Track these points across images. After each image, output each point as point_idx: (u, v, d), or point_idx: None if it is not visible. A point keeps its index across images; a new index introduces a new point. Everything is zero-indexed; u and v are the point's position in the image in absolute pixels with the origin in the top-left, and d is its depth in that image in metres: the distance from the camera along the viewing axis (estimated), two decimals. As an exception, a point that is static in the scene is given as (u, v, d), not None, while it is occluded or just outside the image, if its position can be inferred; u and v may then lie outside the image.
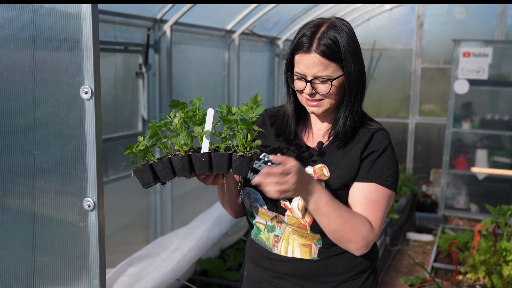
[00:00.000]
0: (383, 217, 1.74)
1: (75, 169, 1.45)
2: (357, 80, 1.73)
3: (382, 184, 1.74)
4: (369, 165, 1.75)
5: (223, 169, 1.57)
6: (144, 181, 1.60)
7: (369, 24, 7.69)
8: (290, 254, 1.80)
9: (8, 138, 1.52)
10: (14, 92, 1.49)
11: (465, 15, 7.28)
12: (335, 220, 1.64)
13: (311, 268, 1.79)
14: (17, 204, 1.55)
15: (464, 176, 6.93)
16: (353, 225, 1.66)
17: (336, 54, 1.68)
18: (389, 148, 1.78)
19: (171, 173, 1.59)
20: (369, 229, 1.69)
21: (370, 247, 1.73)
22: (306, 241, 1.78)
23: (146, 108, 4.12)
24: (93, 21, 1.38)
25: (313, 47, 1.68)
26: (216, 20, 5.07)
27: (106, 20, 3.65)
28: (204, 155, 1.57)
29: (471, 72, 6.39)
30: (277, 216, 1.79)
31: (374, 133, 1.78)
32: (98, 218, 1.46)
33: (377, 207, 1.73)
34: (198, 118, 1.65)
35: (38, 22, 1.43)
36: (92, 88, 1.40)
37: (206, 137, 1.60)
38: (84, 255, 1.49)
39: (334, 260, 1.80)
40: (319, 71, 1.68)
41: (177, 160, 1.57)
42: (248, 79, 5.97)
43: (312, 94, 1.73)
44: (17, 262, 1.57)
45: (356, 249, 1.70)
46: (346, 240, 1.68)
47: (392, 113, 7.84)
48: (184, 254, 3.83)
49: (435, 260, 5.24)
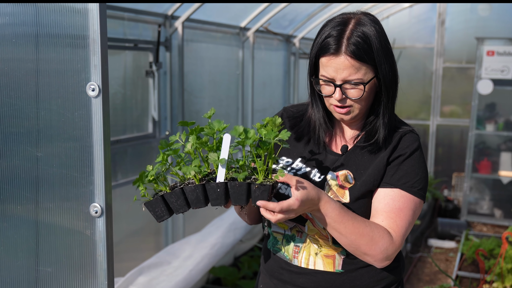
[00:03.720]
0: (407, 227, 1.65)
1: (82, 173, 1.41)
2: (392, 81, 1.65)
3: (407, 191, 1.65)
4: (394, 169, 1.67)
5: (241, 200, 1.48)
6: (157, 214, 1.54)
7: (388, 22, 7.69)
8: (312, 266, 1.72)
9: (10, 139, 1.48)
10: (16, 89, 1.45)
11: (488, 12, 7.27)
12: (347, 235, 1.57)
13: (335, 281, 1.71)
14: (20, 210, 1.52)
15: (488, 180, 6.89)
16: (369, 239, 1.58)
17: (369, 54, 1.58)
18: (418, 152, 1.69)
19: (184, 204, 1.51)
20: (388, 241, 1.60)
21: (392, 259, 1.65)
22: (329, 251, 1.71)
23: (157, 108, 4.09)
24: (100, 14, 1.34)
25: (342, 48, 1.57)
26: (230, 17, 5.07)
27: (114, 16, 3.62)
28: (220, 186, 1.47)
29: (495, 71, 6.33)
30: (296, 225, 1.72)
31: (403, 135, 1.71)
32: (106, 225, 1.42)
33: (400, 216, 1.63)
34: (214, 143, 1.54)
35: (42, 16, 1.40)
36: (100, 85, 1.36)
37: (221, 166, 1.49)
38: (90, 265, 1.45)
39: (360, 273, 1.72)
40: (349, 74, 1.58)
41: (190, 190, 1.49)
42: (263, 79, 5.97)
43: (342, 99, 1.63)
44: (19, 271, 1.54)
45: (375, 262, 1.63)
46: (362, 254, 1.62)
47: (412, 114, 7.84)
48: (197, 263, 3.79)
49: (459, 268, 5.20)
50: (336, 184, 1.67)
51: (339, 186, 1.67)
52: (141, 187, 1.54)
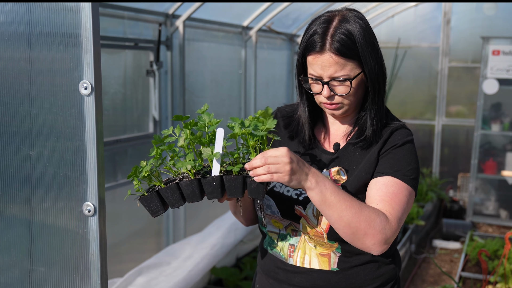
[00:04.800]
0: (402, 212, 1.60)
1: (74, 171, 1.41)
2: (378, 75, 1.66)
3: (400, 178, 1.63)
4: (386, 159, 1.67)
5: (237, 193, 1.50)
6: (152, 209, 1.55)
7: (393, 21, 7.64)
8: (307, 265, 1.72)
9: (2, 138, 1.48)
10: (8, 88, 1.45)
11: (494, 11, 7.21)
12: (346, 210, 1.52)
13: (330, 280, 1.71)
14: (12, 209, 1.51)
15: (494, 181, 6.84)
16: (366, 215, 1.53)
17: (353, 50, 1.60)
18: (410, 144, 1.70)
19: (180, 199, 1.53)
20: (384, 220, 1.55)
21: (390, 243, 1.59)
22: (324, 250, 1.70)
23: (158, 108, 4.08)
24: (92, 11, 1.33)
25: (326, 46, 1.59)
26: (232, 16, 5.06)
27: (114, 14, 3.61)
28: (215, 179, 1.50)
29: (500, 71, 6.28)
30: (291, 223, 1.73)
31: (394, 130, 1.71)
32: (99, 224, 1.42)
33: (395, 200, 1.60)
34: (207, 138, 1.56)
35: (35, 14, 1.40)
36: (92, 83, 1.35)
37: (216, 160, 1.51)
38: (84, 264, 1.44)
39: (355, 271, 1.72)
40: (335, 71, 1.60)
41: (185, 185, 1.51)
42: (266, 78, 5.94)
43: (331, 96, 1.65)
44: (12, 271, 1.53)
45: (373, 245, 1.56)
46: (362, 235, 1.54)
47: (418, 114, 7.77)
48: (196, 263, 3.78)
49: (463, 269, 5.17)
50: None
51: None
52: (135, 181, 1.55)
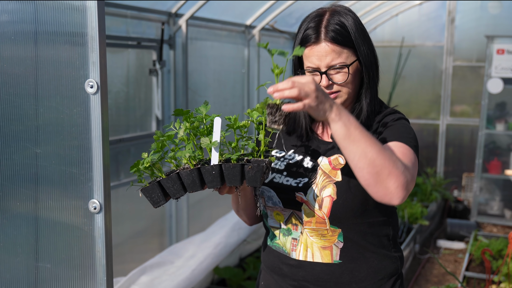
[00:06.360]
0: (414, 170, 1.57)
1: (80, 169, 1.42)
2: (372, 62, 1.73)
3: (406, 143, 1.63)
4: (386, 132, 1.69)
5: (236, 181, 1.54)
6: (154, 200, 1.58)
7: (397, 20, 7.63)
8: (310, 259, 1.73)
9: (8, 136, 1.49)
10: (15, 87, 1.46)
11: (499, 10, 7.18)
12: (371, 146, 1.45)
13: (334, 272, 1.73)
14: (19, 207, 1.52)
15: (498, 181, 6.82)
16: (389, 154, 1.48)
17: (347, 38, 1.67)
18: (405, 120, 1.73)
19: (181, 189, 1.56)
20: (403, 164, 1.51)
21: (410, 190, 1.51)
22: (325, 242, 1.72)
23: (160, 107, 4.08)
24: (98, 10, 1.35)
25: (321, 36, 1.66)
26: (235, 15, 5.05)
27: (117, 13, 3.61)
28: (215, 168, 1.54)
29: (505, 70, 6.28)
30: (293, 213, 1.73)
31: (387, 114, 1.76)
32: (104, 221, 1.43)
33: (405, 159, 1.57)
34: (205, 128, 1.61)
35: (41, 13, 1.41)
36: (98, 81, 1.36)
37: (214, 149, 1.56)
38: (90, 261, 1.46)
39: (358, 264, 1.74)
40: (332, 59, 1.66)
41: (186, 175, 1.55)
42: (269, 78, 5.85)
43: (329, 86, 1.69)
44: (18, 269, 1.55)
45: (397, 188, 1.47)
46: (387, 174, 1.46)
47: (422, 114, 7.76)
48: (200, 262, 3.80)
49: (467, 269, 5.16)
50: (328, 168, 1.70)
51: (331, 169, 1.71)
52: (138, 172, 1.58)
